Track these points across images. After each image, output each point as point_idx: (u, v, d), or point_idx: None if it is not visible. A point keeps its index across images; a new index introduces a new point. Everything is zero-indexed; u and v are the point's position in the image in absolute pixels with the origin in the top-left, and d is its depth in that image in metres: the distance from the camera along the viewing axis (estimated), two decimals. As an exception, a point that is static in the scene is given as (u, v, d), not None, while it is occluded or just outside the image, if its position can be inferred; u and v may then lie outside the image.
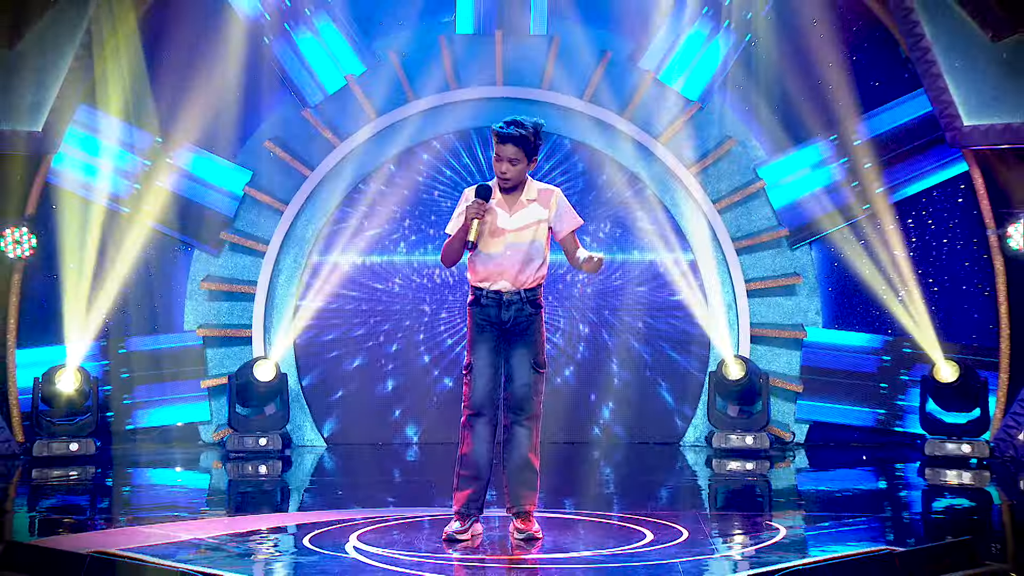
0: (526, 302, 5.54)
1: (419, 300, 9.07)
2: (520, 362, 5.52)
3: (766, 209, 9.14)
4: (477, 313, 5.54)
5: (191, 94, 8.71)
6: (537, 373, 5.54)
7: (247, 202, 9.11)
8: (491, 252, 5.49)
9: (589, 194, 9.02)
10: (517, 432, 5.58)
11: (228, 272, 9.14)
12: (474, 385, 5.53)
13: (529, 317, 5.53)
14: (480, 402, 5.52)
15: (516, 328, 5.53)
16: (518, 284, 5.52)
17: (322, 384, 9.07)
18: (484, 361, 5.52)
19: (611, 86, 8.97)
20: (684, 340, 9.05)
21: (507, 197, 5.50)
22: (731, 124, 9.07)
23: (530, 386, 5.52)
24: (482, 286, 5.53)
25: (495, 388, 5.54)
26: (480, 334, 5.53)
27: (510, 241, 5.50)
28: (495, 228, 5.48)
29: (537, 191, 5.49)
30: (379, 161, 9.03)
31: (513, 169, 5.44)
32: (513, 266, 5.51)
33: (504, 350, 5.55)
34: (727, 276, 9.05)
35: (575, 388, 9.05)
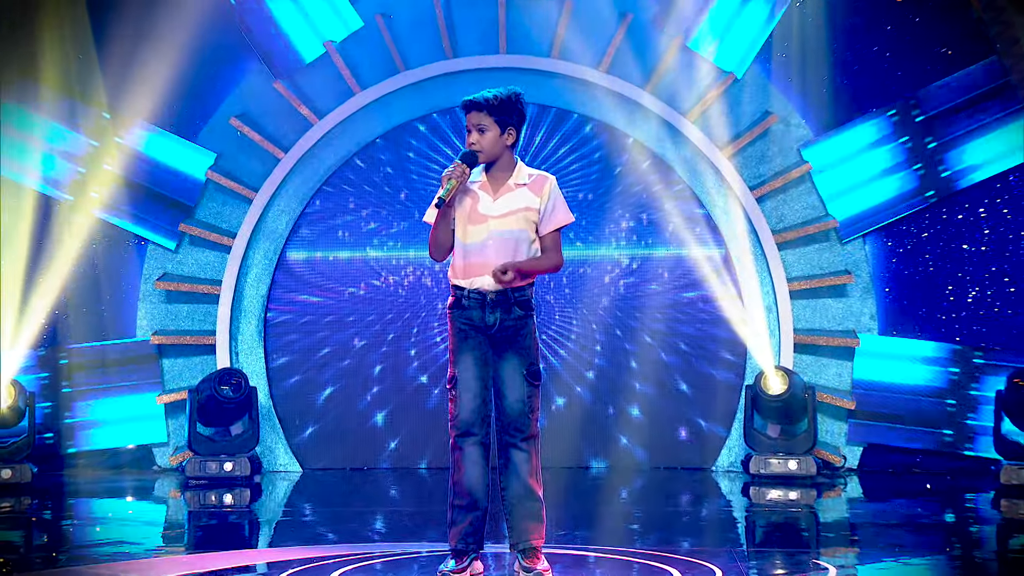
0: (514, 303, 5.50)
1: (410, 301, 9.09)
2: (511, 374, 5.50)
3: (812, 196, 9.09)
4: (458, 317, 5.51)
5: (144, 64, 8.73)
6: (531, 386, 5.52)
7: (210, 189, 9.08)
8: (471, 242, 5.47)
9: (606, 180, 9.04)
10: (514, 456, 5.54)
11: (188, 270, 9.10)
12: (460, 401, 5.50)
13: (518, 321, 5.49)
14: (468, 420, 5.49)
15: (503, 334, 5.49)
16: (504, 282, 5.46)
17: (297, 399, 9.08)
18: (470, 373, 5.49)
19: (632, 54, 8.96)
20: (716, 349, 9.06)
21: (492, 180, 5.51)
22: (771, 98, 9.04)
23: (524, 402, 5.50)
24: (463, 284, 5.50)
25: (484, 403, 5.51)
26: (463, 342, 5.50)
27: (494, 229, 5.48)
28: (476, 214, 5.47)
29: (528, 176, 5.52)
30: (363, 142, 9.03)
31: (482, 139, 5.46)
32: (497, 260, 5.46)
33: (492, 360, 5.52)
34: (766, 274, 9.01)
35: (590, 404, 9.06)
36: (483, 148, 5.48)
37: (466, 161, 5.47)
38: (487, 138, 5.47)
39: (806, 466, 8.53)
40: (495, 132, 5.48)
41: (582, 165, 9.03)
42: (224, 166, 9.04)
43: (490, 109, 5.44)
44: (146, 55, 8.68)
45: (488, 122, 5.46)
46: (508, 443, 5.55)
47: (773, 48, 8.96)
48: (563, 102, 8.95)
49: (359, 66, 8.97)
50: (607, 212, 8.97)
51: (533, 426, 5.53)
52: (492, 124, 5.47)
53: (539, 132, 8.97)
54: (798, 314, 9.02)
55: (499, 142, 5.50)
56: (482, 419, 5.51)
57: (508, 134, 5.49)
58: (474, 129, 5.46)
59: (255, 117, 9.04)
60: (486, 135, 5.47)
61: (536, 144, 9.00)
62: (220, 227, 9.10)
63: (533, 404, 5.53)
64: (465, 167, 5.46)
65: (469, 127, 5.48)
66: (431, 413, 9.03)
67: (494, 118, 5.46)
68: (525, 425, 5.51)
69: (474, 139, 5.47)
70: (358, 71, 8.97)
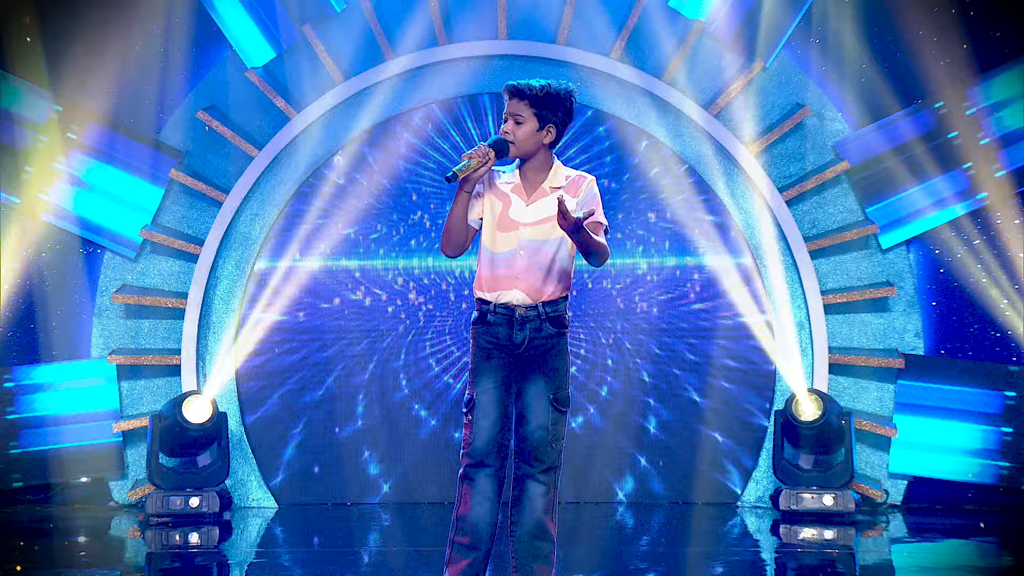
0: (545, 319, 5.54)
1: (398, 316, 9.05)
2: (537, 398, 5.53)
3: (849, 199, 9.01)
4: (482, 334, 5.55)
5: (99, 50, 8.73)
6: (558, 412, 5.56)
7: (175, 190, 9.01)
8: (501, 251, 5.51)
9: (618, 180, 9.00)
10: (530, 489, 5.56)
11: (150, 281, 9.04)
12: (476, 427, 5.52)
13: (549, 339, 5.54)
14: (483, 449, 5.51)
15: (532, 353, 5.53)
16: (536, 296, 5.52)
17: (273, 426, 9.03)
18: (489, 396, 5.52)
19: (647, 40, 8.93)
20: (742, 369, 9.02)
21: (526, 183, 5.55)
22: (804, 89, 9.00)
23: (548, 429, 5.53)
24: (488, 298, 5.54)
25: (503, 431, 5.53)
26: (485, 361, 5.54)
27: (525, 238, 5.50)
28: (506, 220, 5.51)
29: (566, 178, 5.55)
30: (347, 138, 8.97)
31: (517, 130, 5.48)
32: (529, 271, 5.51)
33: (516, 382, 5.55)
34: (798, 286, 8.96)
35: (600, 432, 9.01)
36: (516, 140, 5.50)
37: (495, 147, 5.47)
38: (522, 130, 5.50)
39: (843, 501, 8.48)
40: (532, 126, 5.51)
41: (589, 161, 9.02)
42: (191, 165, 8.99)
43: (532, 99, 5.48)
44: (100, 37, 8.71)
45: (527, 113, 5.49)
46: (525, 474, 5.56)
47: (806, 33, 8.92)
48: None
49: (342, 54, 8.94)
50: (619, 216, 8.98)
51: (556, 458, 5.55)
52: (531, 116, 5.50)
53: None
54: (834, 331, 8.98)
55: (535, 138, 5.52)
56: (499, 449, 5.53)
57: (547, 131, 5.52)
58: (511, 118, 5.50)
59: (225, 110, 9.00)
60: (522, 127, 5.50)
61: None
62: (186, 233, 9.04)
63: (558, 432, 5.55)
64: (491, 151, 5.45)
65: (506, 115, 5.51)
66: (424, 441, 9.04)
67: (534, 110, 5.49)
68: (546, 455, 5.53)
69: (508, 128, 5.49)
70: (341, 59, 8.93)
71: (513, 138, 5.48)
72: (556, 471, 5.56)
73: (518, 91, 5.48)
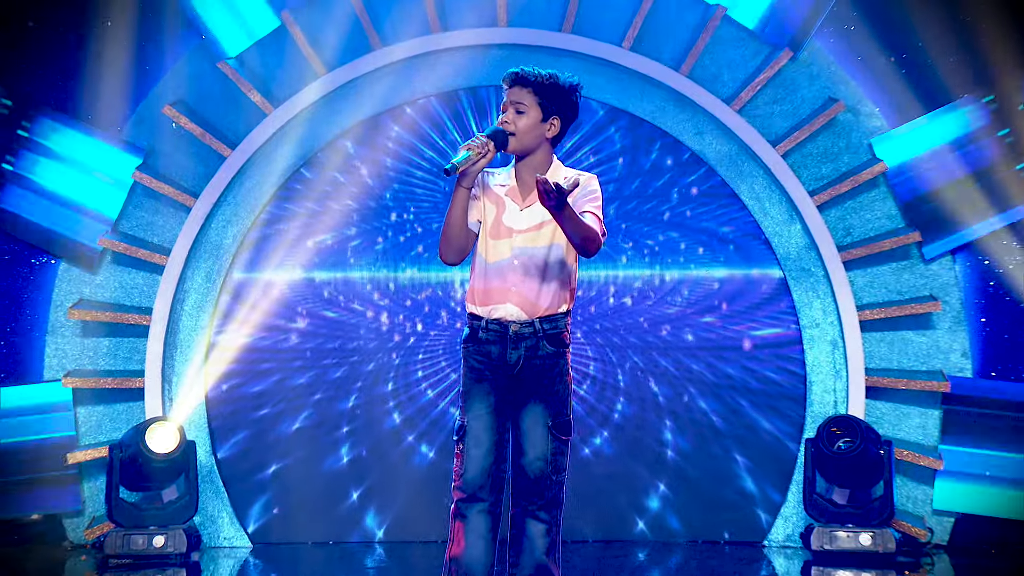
0: (543, 337, 5.52)
1: (387, 334, 8.97)
2: (534, 425, 5.52)
3: (887, 203, 8.89)
4: (473, 353, 5.55)
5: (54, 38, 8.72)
6: (558, 441, 5.54)
7: (138, 194, 8.89)
8: (493, 261, 5.52)
9: (631, 183, 8.90)
10: (530, 527, 5.57)
11: (110, 295, 8.92)
12: (467, 456, 5.52)
13: (546, 360, 5.52)
14: (476, 481, 5.51)
15: (528, 375, 5.52)
16: (531, 311, 5.51)
17: (247, 456, 8.92)
18: (482, 422, 5.52)
19: (663, 27, 8.84)
20: (769, 393, 8.93)
21: (521, 184, 5.56)
22: (837, 81, 8.89)
23: (547, 460, 5.52)
24: (480, 313, 5.54)
25: (498, 461, 5.54)
26: (477, 384, 5.54)
27: (519, 246, 5.51)
28: (499, 226, 5.51)
29: (564, 178, 5.45)
30: (330, 136, 8.90)
31: (517, 120, 5.49)
32: (524, 283, 5.51)
33: (511, 407, 5.55)
34: (830, 301, 8.85)
35: (612, 462, 8.93)
36: (516, 132, 5.52)
37: (493, 138, 5.47)
38: (524, 121, 5.51)
39: (882, 541, 8.37)
40: (535, 116, 5.53)
41: (600, 162, 8.96)
42: (156, 165, 8.88)
43: (536, 88, 5.50)
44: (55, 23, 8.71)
45: (530, 102, 5.51)
46: (524, 510, 5.57)
47: (838, 19, 8.84)
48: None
49: (324, 43, 8.87)
50: (631, 222, 8.89)
51: (558, 492, 5.58)
52: (534, 106, 5.52)
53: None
54: (871, 350, 8.86)
55: (537, 130, 5.54)
56: (493, 482, 5.54)
57: (551, 124, 5.54)
58: (511, 106, 5.51)
59: (195, 105, 8.91)
60: (523, 117, 5.52)
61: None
62: (151, 241, 8.91)
63: (559, 464, 5.56)
64: (489, 142, 5.44)
65: (506, 104, 5.54)
66: (414, 473, 8.95)
67: (538, 100, 5.51)
68: (546, 489, 5.55)
69: (508, 118, 5.51)
70: (323, 49, 8.85)
71: (514, 128, 5.47)
72: (558, 507, 5.56)
73: (521, 78, 5.48)
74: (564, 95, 5.53)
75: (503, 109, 5.52)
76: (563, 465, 5.56)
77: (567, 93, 5.53)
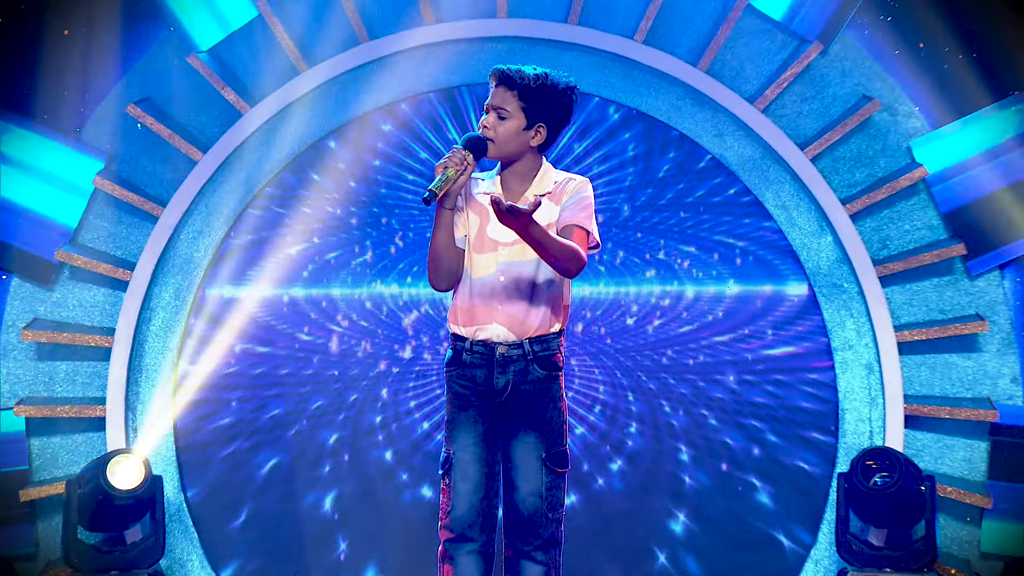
0: (533, 360, 5.52)
1: (375, 357, 8.87)
2: (526, 457, 5.54)
3: (928, 212, 8.75)
4: (457, 378, 5.57)
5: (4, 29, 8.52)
6: (554, 474, 5.55)
7: (99, 202, 8.76)
8: (478, 277, 5.52)
9: (643, 191, 8.80)
10: (525, 571, 5.60)
11: (68, 314, 8.79)
12: (454, 492, 5.55)
13: (537, 385, 5.52)
14: (464, 519, 5.53)
15: (517, 402, 5.52)
16: (520, 331, 5.51)
17: (220, 493, 8.81)
18: (469, 454, 5.53)
19: (680, 18, 8.73)
20: (797, 422, 8.80)
21: (507, 192, 5.55)
22: (872, 77, 8.75)
23: (542, 496, 5.53)
24: (464, 333, 5.53)
25: (489, 497, 5.55)
26: (462, 411, 5.55)
27: (505, 260, 5.50)
28: (483, 239, 5.52)
29: (554, 183, 5.55)
30: (312, 138, 8.80)
31: (498, 126, 5.45)
32: (511, 301, 5.50)
33: (502, 437, 5.56)
34: (865, 320, 8.69)
35: (625, 497, 8.80)
36: (496, 139, 5.48)
37: (470, 147, 5.41)
38: (505, 127, 5.48)
39: None
40: (518, 123, 5.48)
41: (610, 168, 8.83)
42: (119, 171, 8.77)
43: (521, 90, 5.45)
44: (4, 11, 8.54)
45: (513, 107, 5.47)
46: (519, 552, 5.60)
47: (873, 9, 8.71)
48: (585, 83, 8.64)
49: (306, 35, 8.79)
50: (643, 233, 8.79)
51: (555, 529, 5.59)
52: (517, 111, 5.48)
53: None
54: (910, 375, 8.74)
55: (519, 138, 5.50)
56: (483, 519, 5.55)
57: (536, 132, 5.49)
58: (493, 110, 5.47)
59: (162, 104, 8.82)
60: (505, 123, 5.48)
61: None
62: (113, 255, 8.80)
63: (555, 499, 5.57)
64: (468, 154, 5.38)
65: (488, 105, 5.49)
66: (409, 515, 8.82)
67: (523, 104, 5.46)
68: (543, 527, 5.56)
69: (488, 123, 5.47)
70: (304, 42, 8.76)
71: (493, 135, 5.42)
72: (556, 547, 5.58)
73: (507, 78, 5.41)
74: (554, 99, 5.47)
75: (485, 110, 5.47)
76: (560, 501, 5.54)
77: (558, 97, 5.46)
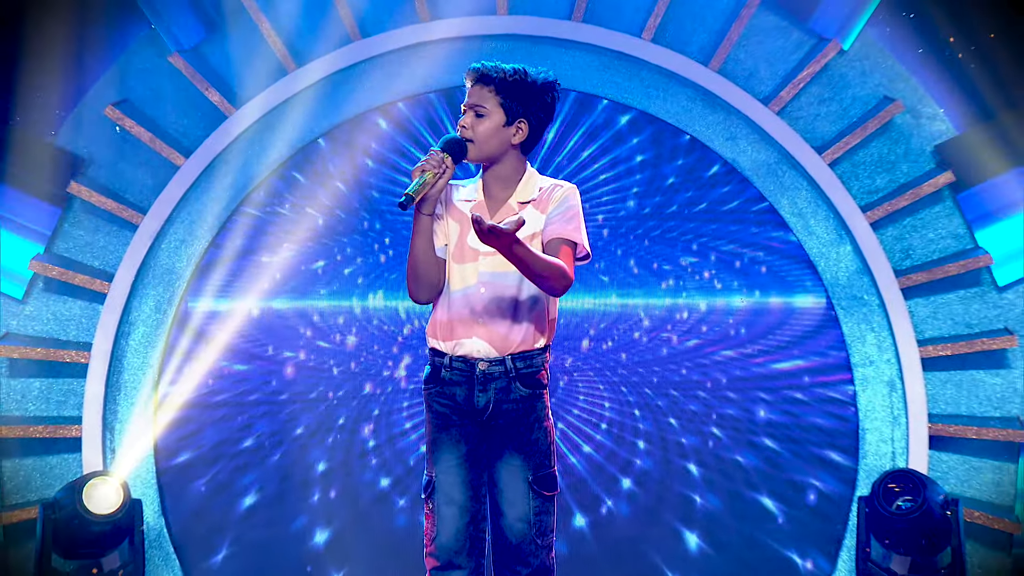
0: (515, 378, 5.46)
1: (367, 373, 8.82)
2: (512, 481, 5.49)
3: (954, 220, 8.72)
4: (436, 396, 5.52)
5: None
6: (542, 498, 5.51)
7: (75, 209, 8.76)
8: (457, 289, 5.50)
9: (651, 198, 8.79)
10: None
11: (41, 328, 8.77)
12: (439, 517, 5.50)
13: (520, 403, 5.47)
14: (450, 545, 5.49)
15: (500, 422, 5.48)
16: (502, 346, 5.45)
17: (203, 517, 8.76)
18: (452, 477, 5.49)
19: (690, 14, 8.72)
20: (814, 442, 8.74)
21: (489, 198, 5.53)
22: (894, 77, 8.73)
23: (530, 522, 5.49)
24: (443, 348, 5.50)
25: (476, 521, 5.51)
26: (443, 431, 5.51)
27: (486, 271, 5.46)
28: (464, 248, 5.49)
29: (539, 189, 5.53)
30: (301, 141, 8.78)
31: (477, 125, 5.42)
32: (492, 314, 5.46)
33: (486, 458, 5.53)
34: (887, 335, 8.64)
35: (626, 526, 8.77)
36: (475, 139, 5.45)
37: (449, 150, 5.37)
38: (484, 126, 5.44)
39: None
40: (497, 121, 5.44)
41: (617, 175, 8.80)
42: (97, 176, 8.73)
43: (499, 86, 5.42)
44: None
45: (492, 104, 5.44)
46: None
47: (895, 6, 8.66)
48: (590, 84, 8.75)
49: (294, 33, 8.78)
50: (653, 242, 8.76)
51: (545, 557, 5.55)
52: (496, 109, 5.44)
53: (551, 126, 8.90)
54: (935, 393, 8.69)
55: (500, 136, 5.46)
56: (471, 545, 5.51)
57: (517, 129, 5.45)
58: (470, 109, 5.45)
59: (142, 105, 8.77)
60: (484, 121, 5.44)
61: (549, 144, 8.93)
62: (90, 265, 8.76)
63: (544, 525, 5.52)
64: (446, 157, 5.35)
65: (465, 105, 5.47)
66: (398, 534, 8.75)
67: (501, 100, 5.43)
68: (532, 555, 5.53)
69: (467, 122, 5.43)
70: (293, 40, 8.75)
71: (472, 135, 5.38)
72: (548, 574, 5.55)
73: (483, 75, 5.39)
74: (533, 94, 5.42)
75: (462, 111, 5.44)
76: (549, 526, 5.49)
77: (537, 92, 5.42)
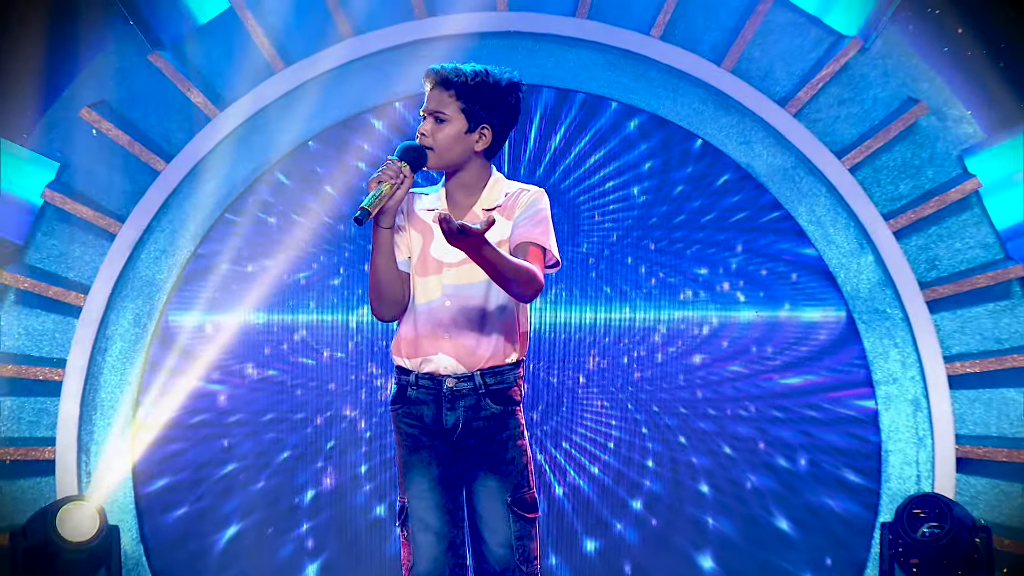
0: (485, 395, 5.40)
1: (357, 388, 8.74)
2: (490, 504, 5.44)
3: (982, 229, 8.58)
4: (403, 416, 5.48)
5: None
6: (523, 520, 5.44)
7: (48, 217, 8.65)
8: (422, 302, 5.45)
9: (659, 206, 8.70)
10: None
11: (13, 343, 8.65)
12: (415, 544, 5.46)
13: (491, 422, 5.41)
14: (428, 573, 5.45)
15: (471, 442, 5.43)
16: (470, 362, 5.40)
17: (184, 544, 8.63)
18: (426, 503, 5.45)
19: (701, 11, 8.61)
20: (834, 465, 8.60)
21: (452, 206, 5.48)
22: (918, 78, 8.60)
23: (512, 547, 5.42)
24: (408, 366, 5.46)
25: (453, 547, 5.45)
26: (413, 454, 5.47)
27: (451, 283, 5.39)
28: (427, 259, 5.44)
29: (505, 194, 5.46)
30: (289, 145, 8.69)
31: (437, 132, 5.36)
32: (459, 328, 5.41)
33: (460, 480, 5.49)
34: (911, 350, 8.49)
35: (635, 551, 8.67)
36: (435, 146, 5.38)
37: (407, 158, 5.32)
38: (444, 133, 5.36)
39: None
40: (459, 127, 5.37)
41: (624, 182, 8.69)
42: (72, 182, 8.61)
43: (459, 89, 5.35)
44: None
45: (452, 109, 5.37)
46: None
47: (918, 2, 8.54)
48: (596, 84, 8.66)
49: (282, 30, 8.67)
50: (658, 253, 8.67)
51: None
52: (457, 114, 5.37)
53: (557, 130, 8.76)
54: (963, 412, 8.54)
55: (462, 143, 5.40)
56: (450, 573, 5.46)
57: (480, 135, 5.39)
58: (429, 115, 5.38)
59: (120, 107, 8.66)
60: (444, 128, 5.36)
61: (553, 149, 8.81)
62: (65, 277, 8.63)
63: (527, 551, 5.45)
64: (404, 166, 5.30)
65: (425, 111, 5.42)
66: (393, 560, 8.58)
67: (462, 105, 5.36)
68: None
69: (426, 129, 5.38)
70: (281, 38, 8.65)
71: (432, 142, 5.29)
72: None
73: (442, 78, 5.32)
74: (497, 97, 5.33)
75: (422, 116, 5.35)
76: (532, 552, 5.40)
77: (501, 95, 5.33)
